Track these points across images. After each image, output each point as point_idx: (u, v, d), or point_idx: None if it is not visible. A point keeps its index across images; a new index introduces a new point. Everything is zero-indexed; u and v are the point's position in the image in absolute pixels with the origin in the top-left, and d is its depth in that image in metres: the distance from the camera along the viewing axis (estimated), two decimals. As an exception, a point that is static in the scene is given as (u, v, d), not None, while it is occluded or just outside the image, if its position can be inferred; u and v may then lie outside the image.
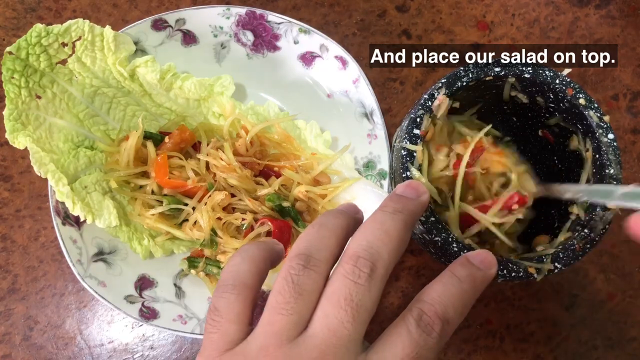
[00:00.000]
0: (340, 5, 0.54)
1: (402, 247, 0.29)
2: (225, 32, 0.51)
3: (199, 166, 0.47)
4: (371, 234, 0.29)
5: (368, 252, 0.28)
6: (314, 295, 0.27)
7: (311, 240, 0.29)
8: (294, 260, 0.28)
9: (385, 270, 0.28)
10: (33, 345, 0.49)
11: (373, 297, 0.27)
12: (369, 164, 0.50)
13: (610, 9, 0.56)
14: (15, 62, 0.42)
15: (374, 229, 0.29)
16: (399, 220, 0.29)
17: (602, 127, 0.37)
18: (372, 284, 0.27)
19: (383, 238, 0.28)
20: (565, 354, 0.51)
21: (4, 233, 0.51)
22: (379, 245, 0.28)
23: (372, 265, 0.27)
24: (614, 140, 0.37)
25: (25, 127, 0.43)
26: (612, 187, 0.35)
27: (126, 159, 0.46)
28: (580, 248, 0.36)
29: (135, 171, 0.47)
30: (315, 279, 0.28)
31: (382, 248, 0.28)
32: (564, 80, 0.37)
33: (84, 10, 0.54)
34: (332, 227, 0.30)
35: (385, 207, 0.31)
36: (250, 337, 0.27)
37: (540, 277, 0.36)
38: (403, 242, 0.29)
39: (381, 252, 0.28)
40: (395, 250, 0.28)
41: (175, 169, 0.47)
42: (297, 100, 0.51)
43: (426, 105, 0.38)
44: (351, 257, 0.28)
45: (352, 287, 0.27)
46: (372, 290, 0.27)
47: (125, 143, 0.46)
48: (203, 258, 0.48)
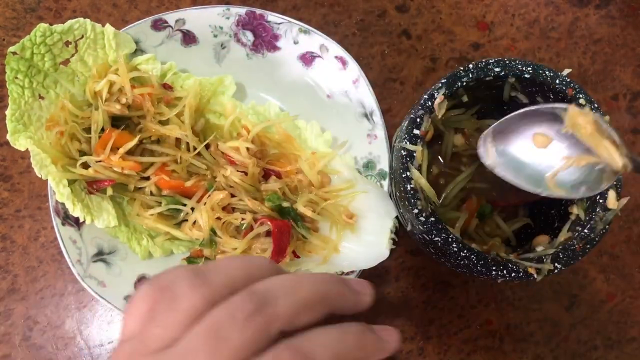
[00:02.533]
0: (340, 5, 0.54)
1: (308, 314, 0.26)
2: (225, 32, 0.50)
3: (201, 162, 0.47)
4: (281, 280, 0.26)
5: (263, 293, 0.25)
6: (188, 315, 0.24)
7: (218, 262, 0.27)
8: (187, 271, 0.26)
9: (271, 321, 0.24)
10: (33, 345, 0.49)
11: (245, 339, 0.23)
12: (369, 164, 0.50)
13: (610, 9, 0.56)
14: (19, 62, 0.42)
15: (288, 278, 0.26)
16: (323, 284, 0.27)
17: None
18: (250, 325, 0.24)
19: (288, 288, 0.25)
20: (565, 354, 0.51)
21: (4, 233, 0.51)
22: (279, 293, 0.25)
23: (259, 307, 0.24)
24: None
25: (27, 128, 0.43)
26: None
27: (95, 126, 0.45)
28: (580, 248, 0.36)
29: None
30: (197, 299, 0.25)
31: (281, 298, 0.25)
32: (564, 81, 0.37)
33: (83, 11, 0.54)
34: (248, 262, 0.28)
35: (317, 275, 0.28)
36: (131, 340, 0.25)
37: (540, 277, 0.36)
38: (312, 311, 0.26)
39: (278, 300, 0.25)
40: (295, 308, 0.25)
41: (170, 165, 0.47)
42: (297, 100, 0.51)
43: (426, 105, 0.38)
44: (246, 291, 0.25)
45: (225, 319, 0.24)
46: (247, 332, 0.23)
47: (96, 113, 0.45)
48: (202, 258, 0.48)
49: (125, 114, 0.46)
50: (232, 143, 0.47)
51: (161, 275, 0.27)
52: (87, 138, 0.46)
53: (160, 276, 0.27)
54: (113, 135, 0.44)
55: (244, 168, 0.47)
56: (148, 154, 0.47)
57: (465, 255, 0.35)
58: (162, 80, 0.49)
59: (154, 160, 0.46)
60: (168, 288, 0.25)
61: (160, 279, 0.26)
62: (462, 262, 0.36)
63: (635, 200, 0.52)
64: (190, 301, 0.25)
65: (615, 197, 0.36)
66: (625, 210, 0.48)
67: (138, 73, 0.47)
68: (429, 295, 0.51)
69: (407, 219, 0.40)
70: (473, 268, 0.36)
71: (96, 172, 0.44)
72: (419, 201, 0.36)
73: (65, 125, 0.44)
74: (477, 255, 0.35)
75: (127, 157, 0.45)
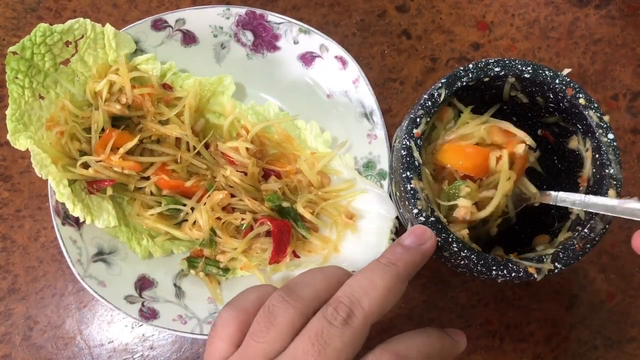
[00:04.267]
0: (340, 5, 0.54)
1: (390, 297, 0.31)
2: (225, 32, 0.51)
3: (202, 161, 0.47)
4: (357, 282, 0.30)
5: (349, 298, 0.29)
6: (287, 328, 0.29)
7: (301, 278, 0.32)
8: (277, 292, 0.30)
9: (363, 318, 0.29)
10: (33, 345, 0.49)
11: (345, 340, 0.28)
12: (369, 164, 0.50)
13: (610, 9, 0.56)
14: (19, 62, 0.42)
15: (362, 278, 0.31)
16: (389, 272, 0.31)
17: (601, 127, 0.37)
18: (346, 328, 0.28)
19: (367, 288, 0.30)
20: (565, 354, 0.51)
21: (4, 233, 0.51)
22: (361, 294, 0.30)
23: (350, 311, 0.29)
24: (614, 140, 0.37)
25: (27, 128, 0.43)
26: (613, 201, 0.35)
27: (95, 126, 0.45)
28: (580, 248, 0.36)
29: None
30: (291, 312, 0.29)
31: (364, 297, 0.30)
32: (563, 80, 0.37)
33: (83, 11, 0.54)
34: (327, 273, 0.32)
35: (381, 258, 0.33)
36: (231, 356, 0.30)
37: (540, 277, 0.36)
38: (392, 293, 0.31)
39: (362, 300, 0.29)
40: (378, 300, 0.30)
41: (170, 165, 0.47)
42: (297, 100, 0.51)
43: (426, 105, 0.38)
44: (333, 300, 0.30)
45: (325, 326, 0.28)
46: (346, 334, 0.28)
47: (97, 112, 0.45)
48: (203, 258, 0.48)
49: (126, 114, 0.46)
50: (232, 143, 0.47)
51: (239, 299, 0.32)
52: (87, 138, 0.46)
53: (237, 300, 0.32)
54: (113, 135, 0.45)
55: (243, 168, 0.47)
56: (148, 154, 0.47)
57: (466, 255, 0.35)
58: (162, 80, 0.49)
59: (154, 160, 0.46)
60: (266, 307, 0.30)
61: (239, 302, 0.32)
62: (462, 262, 0.36)
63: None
64: (288, 316, 0.29)
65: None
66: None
67: (138, 73, 0.47)
68: (429, 295, 0.51)
69: (407, 219, 0.40)
70: (473, 268, 0.36)
71: (96, 172, 0.44)
72: (418, 201, 0.36)
73: (66, 125, 0.44)
74: (478, 255, 0.35)
75: (127, 157, 0.45)
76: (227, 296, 0.48)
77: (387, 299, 0.30)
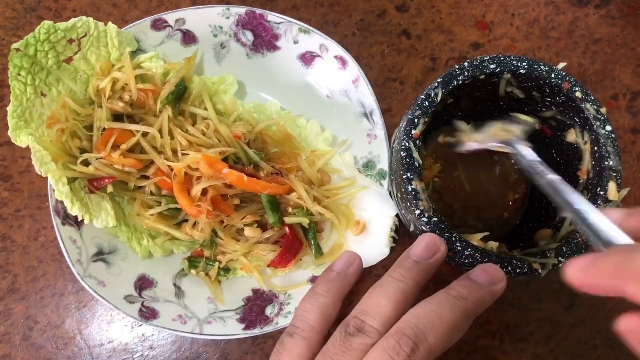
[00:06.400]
0: (340, 5, 0.54)
1: (455, 334, 0.29)
2: (225, 32, 0.50)
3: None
4: (424, 314, 0.29)
5: (414, 331, 0.28)
6: (359, 355, 0.28)
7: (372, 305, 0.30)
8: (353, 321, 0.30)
9: (428, 353, 0.28)
10: (33, 345, 0.49)
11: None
12: (369, 164, 0.50)
13: (610, 9, 0.56)
14: (23, 60, 0.42)
15: (429, 310, 0.29)
16: (458, 308, 0.30)
17: (599, 119, 0.37)
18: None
19: (434, 321, 0.29)
20: (565, 354, 0.51)
21: (4, 233, 0.51)
22: (428, 327, 0.28)
23: (414, 346, 0.28)
24: (612, 132, 0.36)
25: (28, 125, 0.43)
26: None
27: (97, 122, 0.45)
28: (584, 241, 0.36)
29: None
30: (365, 342, 0.29)
31: (430, 331, 0.28)
32: (559, 75, 0.37)
33: (83, 10, 0.54)
34: (392, 293, 0.31)
35: (450, 291, 0.31)
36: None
37: (545, 272, 0.35)
38: (457, 329, 0.29)
39: (428, 334, 0.28)
40: (443, 336, 0.28)
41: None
42: (297, 100, 0.51)
43: (423, 106, 0.38)
44: (397, 332, 0.28)
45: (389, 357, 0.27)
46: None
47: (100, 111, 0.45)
48: (203, 258, 0.48)
49: (128, 111, 0.46)
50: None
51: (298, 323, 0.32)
52: (88, 136, 0.46)
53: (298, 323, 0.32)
54: (115, 132, 0.45)
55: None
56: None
57: (470, 254, 0.35)
58: (164, 79, 0.49)
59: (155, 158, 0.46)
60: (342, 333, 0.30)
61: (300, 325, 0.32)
62: (466, 261, 0.36)
63: (635, 199, 0.52)
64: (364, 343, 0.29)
65: (616, 189, 0.36)
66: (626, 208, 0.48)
67: (142, 71, 0.47)
68: (429, 295, 0.51)
69: (410, 220, 0.40)
70: (477, 266, 0.36)
71: (97, 169, 0.44)
72: (420, 202, 0.36)
73: (67, 122, 0.45)
74: (482, 253, 0.35)
75: (128, 154, 0.45)
76: (227, 296, 0.48)
77: (452, 336, 0.29)
